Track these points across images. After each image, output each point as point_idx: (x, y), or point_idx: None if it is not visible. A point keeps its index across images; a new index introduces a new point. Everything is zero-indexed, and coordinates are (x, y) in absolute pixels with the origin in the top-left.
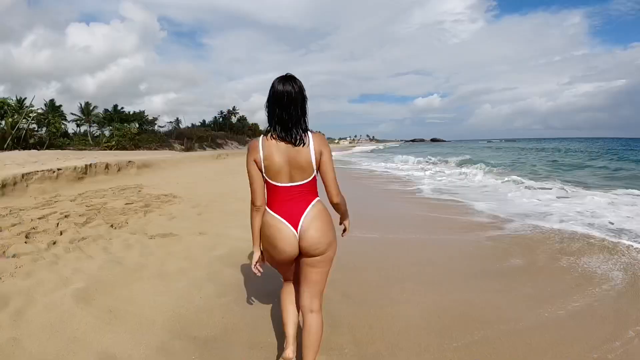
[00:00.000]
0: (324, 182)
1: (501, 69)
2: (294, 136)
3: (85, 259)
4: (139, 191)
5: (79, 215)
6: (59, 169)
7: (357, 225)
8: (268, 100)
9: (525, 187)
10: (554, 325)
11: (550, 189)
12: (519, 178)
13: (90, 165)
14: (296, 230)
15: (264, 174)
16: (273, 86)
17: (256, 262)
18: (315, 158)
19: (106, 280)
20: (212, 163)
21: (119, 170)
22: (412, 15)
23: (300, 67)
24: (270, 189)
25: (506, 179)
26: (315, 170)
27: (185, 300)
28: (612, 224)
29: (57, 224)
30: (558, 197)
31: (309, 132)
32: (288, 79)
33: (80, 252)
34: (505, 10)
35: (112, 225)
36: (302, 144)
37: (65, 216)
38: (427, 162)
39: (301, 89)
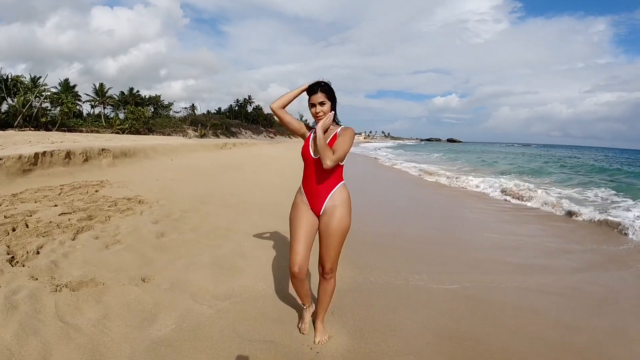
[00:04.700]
0: None
1: (522, 73)
2: None
3: None
4: (96, 192)
5: None
6: None
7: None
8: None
9: None
10: None
11: None
12: None
13: (44, 153)
14: None
15: None
16: None
17: None
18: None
19: None
20: (214, 153)
21: (85, 160)
22: (435, 13)
23: (319, 60)
24: None
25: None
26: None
27: None
28: None
29: None
30: None
31: None
32: None
33: None
34: (531, 13)
35: (12, 258)
36: None
37: None
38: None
39: None
